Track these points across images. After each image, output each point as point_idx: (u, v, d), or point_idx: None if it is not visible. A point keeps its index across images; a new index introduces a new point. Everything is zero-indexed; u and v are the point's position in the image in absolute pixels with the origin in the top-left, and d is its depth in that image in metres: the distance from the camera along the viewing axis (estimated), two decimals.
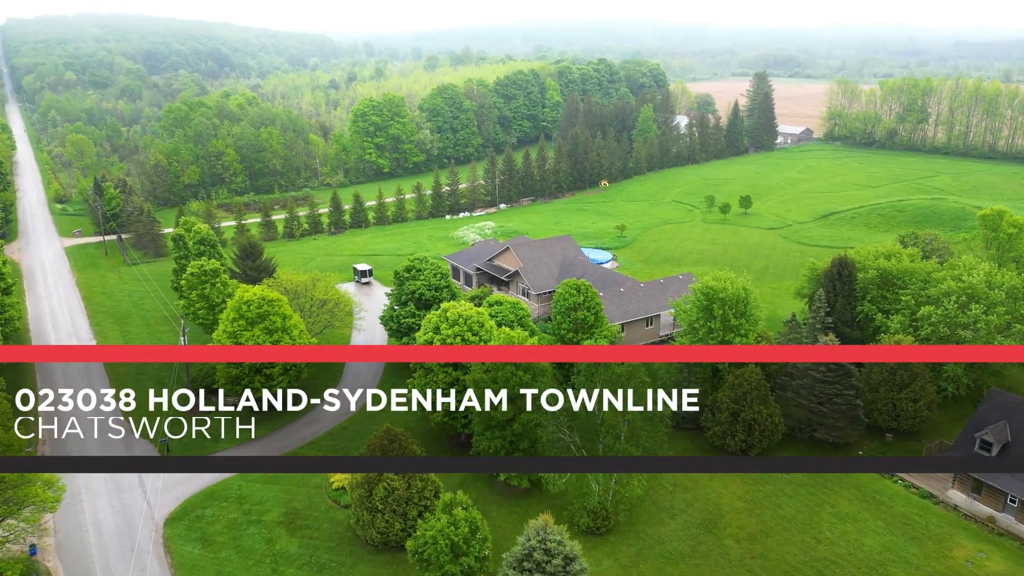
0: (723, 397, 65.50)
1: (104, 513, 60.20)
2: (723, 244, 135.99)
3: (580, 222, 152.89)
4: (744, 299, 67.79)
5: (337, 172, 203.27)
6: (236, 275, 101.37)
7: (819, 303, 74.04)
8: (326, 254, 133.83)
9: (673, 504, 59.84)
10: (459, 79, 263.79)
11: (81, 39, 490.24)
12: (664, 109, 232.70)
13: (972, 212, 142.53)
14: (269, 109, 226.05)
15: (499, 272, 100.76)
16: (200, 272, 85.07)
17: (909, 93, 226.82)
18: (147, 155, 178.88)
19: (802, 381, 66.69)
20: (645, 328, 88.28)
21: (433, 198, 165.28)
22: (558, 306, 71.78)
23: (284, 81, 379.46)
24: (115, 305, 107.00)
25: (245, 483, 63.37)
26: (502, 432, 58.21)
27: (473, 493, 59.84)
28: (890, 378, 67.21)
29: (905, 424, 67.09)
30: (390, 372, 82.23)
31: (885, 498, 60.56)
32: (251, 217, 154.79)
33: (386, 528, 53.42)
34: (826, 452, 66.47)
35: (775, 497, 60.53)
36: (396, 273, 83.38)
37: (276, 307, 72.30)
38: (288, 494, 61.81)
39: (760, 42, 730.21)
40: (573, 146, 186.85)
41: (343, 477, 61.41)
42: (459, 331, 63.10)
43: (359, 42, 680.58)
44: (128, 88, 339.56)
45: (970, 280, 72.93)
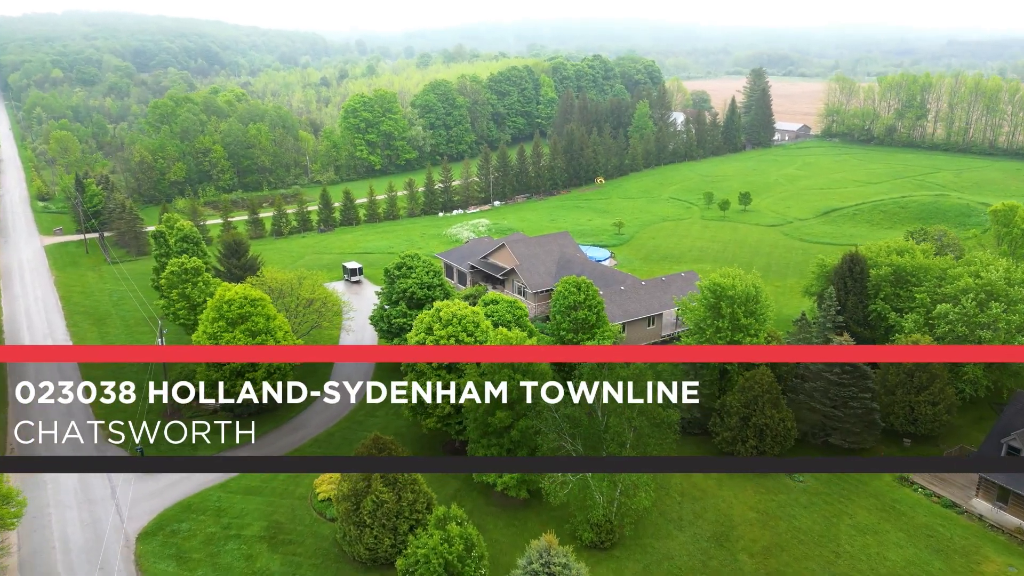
0: (732, 401, 61.89)
1: (73, 528, 56.13)
2: (723, 241, 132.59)
3: (576, 219, 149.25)
4: (754, 297, 64.24)
5: (328, 169, 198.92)
6: (220, 274, 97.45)
7: (830, 301, 70.56)
8: (315, 252, 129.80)
9: (681, 515, 56.17)
10: (452, 76, 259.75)
11: (69, 36, 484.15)
12: (660, 106, 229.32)
13: (977, 208, 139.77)
14: (258, 105, 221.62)
15: (494, 270, 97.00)
16: (180, 270, 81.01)
17: (908, 89, 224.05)
18: (132, 151, 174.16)
19: (815, 383, 63.14)
20: (647, 328, 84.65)
21: (426, 195, 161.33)
22: (557, 305, 68.07)
23: (275, 79, 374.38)
24: (94, 305, 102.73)
25: (224, 494, 59.41)
26: (499, 439, 54.50)
27: (468, 504, 56.13)
28: (907, 380, 63.72)
29: (923, 428, 63.59)
30: (380, 377, 78.32)
31: (906, 507, 57.02)
32: (238, 215, 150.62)
33: (375, 544, 49.57)
34: (841, 456, 62.86)
35: (789, 507, 56.92)
36: (386, 271, 79.51)
37: (259, 307, 68.35)
38: (270, 506, 57.88)
39: (754, 41, 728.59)
40: (569, 142, 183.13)
41: (329, 487, 57.54)
42: (453, 331, 59.31)
43: (351, 40, 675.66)
44: (116, 86, 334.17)
45: (988, 277, 69.53)
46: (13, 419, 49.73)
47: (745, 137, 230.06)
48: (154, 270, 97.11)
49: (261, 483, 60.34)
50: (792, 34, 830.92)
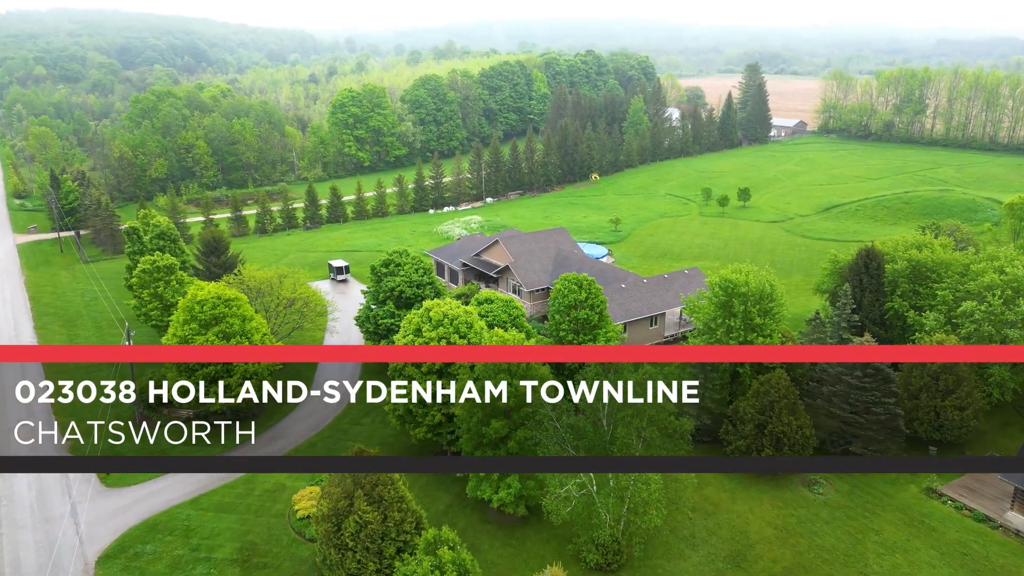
0: (746, 406, 57.31)
1: (26, 551, 51.03)
2: (723, 238, 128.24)
3: (571, 216, 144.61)
4: (769, 294, 59.70)
5: (315, 166, 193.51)
6: (199, 272, 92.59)
7: (845, 299, 66.23)
8: (300, 250, 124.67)
9: (694, 533, 51.53)
10: (443, 71, 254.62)
11: (54, 34, 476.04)
12: (655, 101, 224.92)
13: (984, 204, 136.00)
14: (243, 100, 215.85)
15: (487, 268, 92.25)
16: (152, 268, 75.96)
17: (906, 84, 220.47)
18: (111, 147, 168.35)
19: (834, 388, 58.67)
20: (649, 328, 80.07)
21: (416, 192, 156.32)
22: (556, 304, 63.35)
23: (262, 76, 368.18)
24: (65, 306, 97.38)
25: (195, 512, 54.39)
26: (495, 451, 49.72)
27: (460, 522, 51.49)
28: (932, 383, 59.29)
29: (950, 435, 59.18)
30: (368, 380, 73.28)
31: (936, 522, 52.58)
32: (221, 212, 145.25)
33: (358, 569, 44.66)
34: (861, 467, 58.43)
35: (810, 523, 52.39)
36: (373, 268, 74.63)
37: (234, 307, 63.33)
38: (244, 525, 52.91)
39: (743, 40, 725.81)
40: (563, 138, 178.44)
41: (309, 504, 52.66)
42: (444, 333, 54.47)
43: (340, 39, 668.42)
44: (100, 83, 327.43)
45: (1014, 272, 65.27)
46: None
47: (741, 133, 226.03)
48: (127, 268, 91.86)
49: (235, 499, 55.39)
50: (782, 33, 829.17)
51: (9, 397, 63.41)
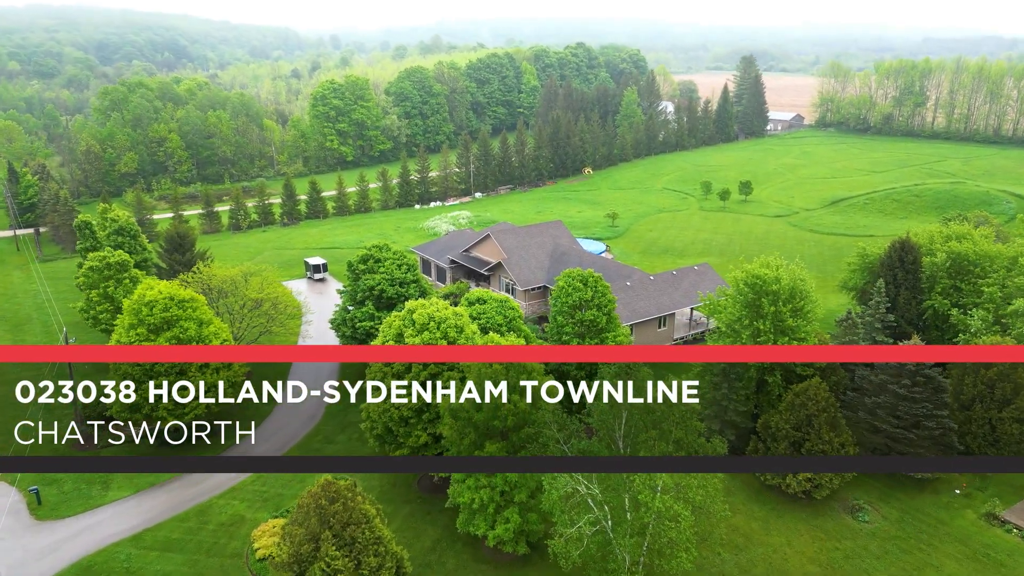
0: (779, 421, 49.75)
1: None
2: (727, 233, 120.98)
3: (565, 211, 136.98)
4: (801, 292, 52.21)
5: (295, 161, 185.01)
6: (162, 271, 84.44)
7: (879, 297, 58.77)
8: (275, 247, 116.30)
9: (724, 571, 43.88)
10: (429, 64, 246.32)
11: (30, 29, 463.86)
12: (649, 94, 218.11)
13: (998, 196, 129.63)
14: (219, 93, 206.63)
15: (478, 265, 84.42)
16: (102, 265, 67.61)
17: (906, 76, 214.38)
18: (77, 140, 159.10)
19: (878, 398, 51.21)
20: (658, 330, 72.48)
21: (401, 187, 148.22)
22: (558, 304, 55.55)
23: (243, 71, 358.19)
24: (14, 309, 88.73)
25: (136, 551, 46.15)
26: (490, 479, 41.88)
27: (450, 562, 43.67)
28: (987, 393, 52.06)
29: (1006, 450, 51.88)
30: (344, 391, 65.17)
31: (1002, 555, 45.20)
32: (193, 209, 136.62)
33: None
34: (910, 489, 50.97)
35: (858, 558, 44.85)
36: (350, 265, 66.68)
37: (189, 310, 55.12)
38: (194, 568, 44.73)
39: (731, 39, 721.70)
40: (554, 130, 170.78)
41: (270, 542, 44.64)
42: (429, 338, 46.55)
43: (325, 36, 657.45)
44: (75, 78, 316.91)
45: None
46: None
47: (737, 127, 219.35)
48: (78, 266, 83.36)
49: (185, 535, 47.21)
50: (769, 33, 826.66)
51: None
